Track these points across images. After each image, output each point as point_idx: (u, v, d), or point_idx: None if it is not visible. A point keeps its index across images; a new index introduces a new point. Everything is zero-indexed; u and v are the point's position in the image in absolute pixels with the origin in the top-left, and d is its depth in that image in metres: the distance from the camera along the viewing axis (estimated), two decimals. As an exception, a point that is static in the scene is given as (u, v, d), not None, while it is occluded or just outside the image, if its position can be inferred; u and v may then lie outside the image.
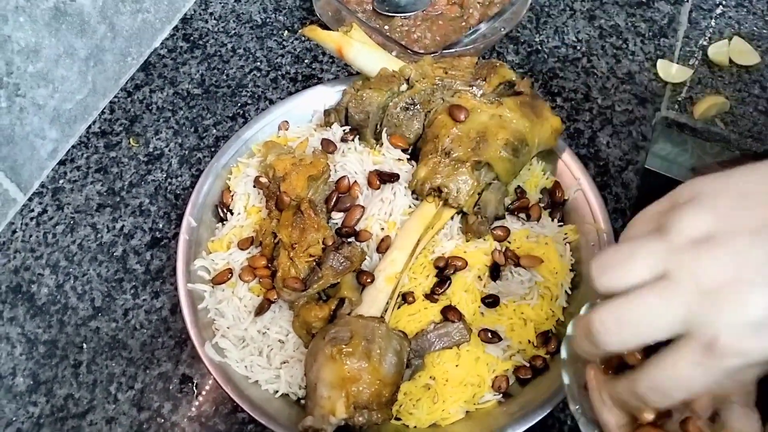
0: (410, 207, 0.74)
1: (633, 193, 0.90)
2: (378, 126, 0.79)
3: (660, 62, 1.01)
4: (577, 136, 0.94)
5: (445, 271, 0.70)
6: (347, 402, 0.58)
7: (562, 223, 0.78)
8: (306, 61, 1.03)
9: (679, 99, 0.99)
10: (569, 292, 0.74)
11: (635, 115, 0.97)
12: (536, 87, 1.00)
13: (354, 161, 0.76)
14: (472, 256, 0.72)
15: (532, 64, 1.02)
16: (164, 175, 0.91)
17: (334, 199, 0.72)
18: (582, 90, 0.99)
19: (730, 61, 1.02)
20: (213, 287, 0.72)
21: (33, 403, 0.74)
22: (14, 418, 0.73)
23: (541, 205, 0.78)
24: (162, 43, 1.04)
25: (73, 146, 0.94)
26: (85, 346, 0.78)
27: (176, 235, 0.81)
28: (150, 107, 0.98)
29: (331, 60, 1.02)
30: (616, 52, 1.04)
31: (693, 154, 1.09)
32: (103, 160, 0.92)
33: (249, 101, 0.98)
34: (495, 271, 0.71)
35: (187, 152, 0.93)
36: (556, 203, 0.79)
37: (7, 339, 0.79)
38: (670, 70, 1.00)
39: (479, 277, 0.71)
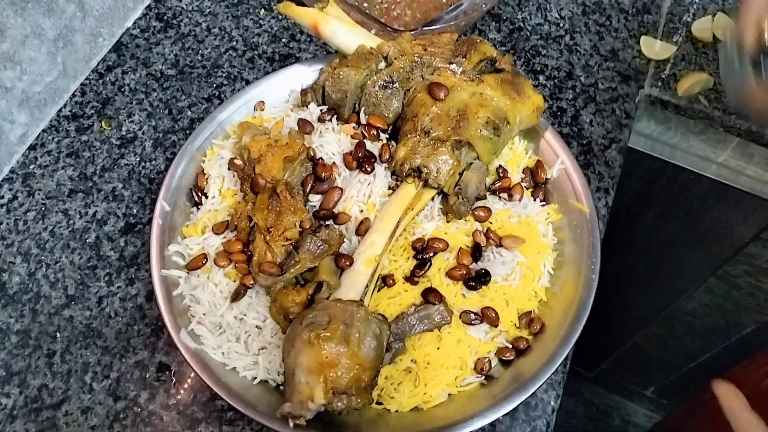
0: (389, 188, 0.72)
1: (616, 171, 0.88)
2: (356, 105, 0.77)
3: (643, 39, 1.00)
4: (560, 115, 0.93)
5: (425, 253, 0.68)
6: (326, 387, 0.57)
7: (544, 203, 0.77)
8: (283, 40, 1.00)
9: (663, 76, 0.98)
10: (552, 271, 0.73)
11: (618, 93, 0.96)
12: (519, 65, 0.98)
13: (332, 142, 0.74)
14: (453, 238, 0.70)
15: (515, 41, 1.00)
16: (138, 159, 0.88)
17: (311, 181, 0.70)
18: (565, 68, 0.98)
19: (714, 37, 1.00)
20: (188, 273, 0.70)
21: (6, 395, 0.72)
22: (-14, 410, 0.71)
23: (523, 184, 0.77)
24: (134, 23, 1.01)
25: (43, 130, 0.91)
26: (58, 335, 0.76)
27: (151, 221, 0.78)
28: (122, 89, 0.95)
29: (309, 39, 1.00)
30: (599, 29, 1.03)
31: (676, 132, 1.08)
32: (74, 145, 0.90)
33: (225, 82, 0.96)
34: (476, 252, 0.70)
35: (161, 135, 0.91)
36: (538, 183, 0.77)
37: (-23, 329, 0.77)
38: (654, 47, 0.99)
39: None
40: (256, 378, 0.66)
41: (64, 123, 0.92)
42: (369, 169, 0.71)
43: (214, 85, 0.95)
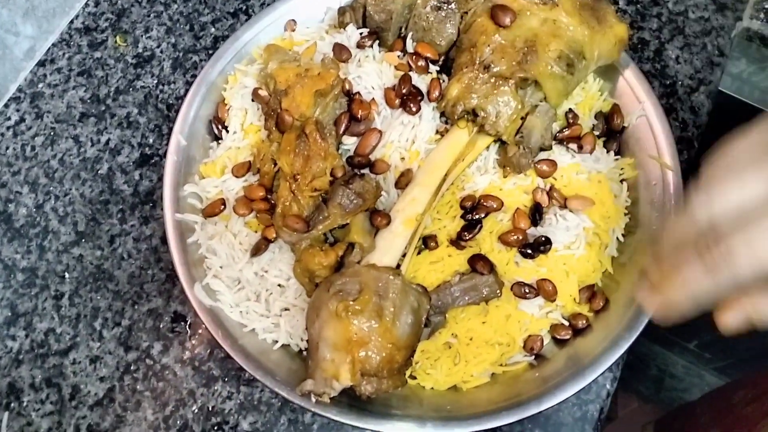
0: (437, 133, 0.61)
1: (703, 120, 0.75)
2: (402, 29, 0.65)
3: (750, -42, 0.83)
4: (641, 48, 0.79)
5: (475, 213, 0.58)
6: (353, 368, 0.49)
7: (618, 156, 0.66)
8: (322, -54, 0.87)
9: (766, 6, 0.82)
10: (621, 239, 0.63)
11: (712, 25, 0.81)
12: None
13: (371, 73, 0.63)
14: (510, 195, 0.60)
15: (593, -44, 0.85)
16: (155, 81, 0.79)
17: (346, 120, 0.60)
18: (651, -10, 0.83)
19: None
20: (204, 219, 0.62)
21: (11, 337, 0.67)
22: (-9, 353, 0.67)
23: (596, 132, 0.65)
24: None
25: (53, 44, 0.82)
26: (67, 275, 0.70)
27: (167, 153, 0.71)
28: (140, -1, 0.84)
29: (351, -54, 0.86)
30: (695, -56, 0.86)
31: (772, 73, 0.93)
32: (86, 62, 0.80)
33: (254, -6, 0.84)
34: (536, 214, 0.59)
35: (181, 54, 0.80)
36: (613, 131, 0.66)
37: (-17, 264, 0.71)
38: (762, -32, 0.82)
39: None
40: (276, 341, 0.59)
41: (75, 37, 0.82)
42: (414, 109, 0.60)
43: (242, -2, 0.84)
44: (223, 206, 0.61)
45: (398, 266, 0.55)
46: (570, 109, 0.65)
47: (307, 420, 0.63)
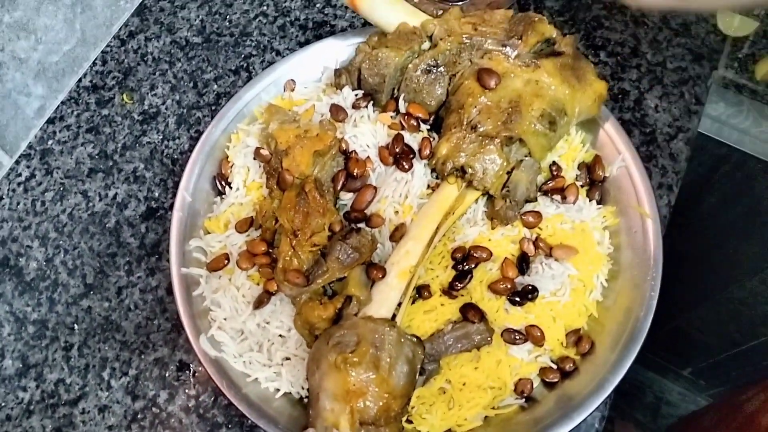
0: (429, 188, 0.65)
1: (681, 166, 0.79)
2: (395, 91, 0.69)
3: (720, 12, 0.88)
4: (621, 98, 0.83)
5: (466, 264, 0.62)
6: (352, 418, 0.52)
7: (600, 205, 0.69)
8: (317, 5, 0.92)
9: (740, 56, 0.87)
10: (605, 284, 0.66)
11: (689, 74, 0.85)
12: (577, 39, 0.88)
13: (366, 133, 0.67)
14: (498, 246, 0.64)
15: (574, 11, 0.90)
16: (160, 137, 0.83)
17: (343, 177, 0.64)
18: (629, 43, 0.87)
19: (804, 10, 0.88)
20: (209, 273, 0.65)
21: (23, 388, 0.70)
22: (3, 404, 0.69)
23: (579, 183, 0.69)
24: (158, -16, 0.94)
25: (62, 102, 0.86)
26: (76, 327, 0.72)
27: (173, 206, 0.74)
28: (145, 58, 0.89)
29: (345, 5, 0.91)
30: None
31: (748, 116, 0.98)
32: (94, 119, 0.84)
33: (254, 52, 0.89)
34: (523, 263, 0.63)
35: (185, 111, 0.84)
36: (595, 181, 0.69)
37: (-5, 316, 0.74)
38: (732, 22, 0.87)
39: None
40: (279, 390, 0.62)
41: (83, 95, 0.86)
42: (407, 167, 0.64)
43: (242, 56, 0.88)
44: (226, 261, 0.65)
45: (394, 317, 0.58)
46: (554, 161, 0.69)
47: (309, 465, 0.65)
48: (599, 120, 0.71)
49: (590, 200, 0.69)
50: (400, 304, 0.60)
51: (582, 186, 0.69)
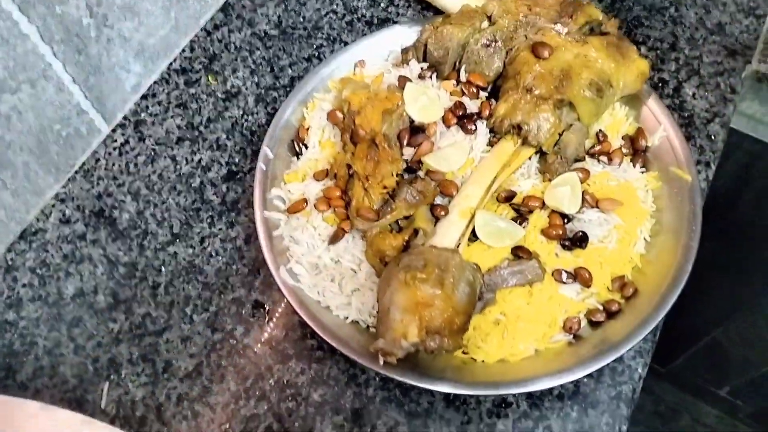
0: (489, 145, 0.72)
1: (718, 146, 0.85)
2: (457, 63, 0.78)
3: (755, 12, 0.95)
4: (661, 86, 0.90)
5: (522, 207, 0.69)
6: (420, 325, 0.58)
7: (644, 170, 0.75)
8: (382, 4, 1.02)
9: (774, 52, 0.94)
10: (648, 239, 0.72)
11: (724, 67, 0.92)
12: (623, 23, 0.96)
13: (431, 97, 0.75)
14: (549, 197, 0.70)
15: (617, 11, 0.98)
16: (241, 112, 0.93)
17: (407, 134, 0.72)
18: (668, 39, 0.95)
19: (835, 12, 0.95)
20: (288, 216, 0.73)
21: (113, 320, 0.78)
22: (95, 332, 0.77)
23: (623, 151, 0.75)
24: (240, -15, 1.05)
25: (155, 82, 0.96)
26: (163, 269, 0.81)
27: (251, 170, 0.83)
28: (228, 47, 0.99)
29: (407, 3, 1.01)
30: (706, 3, 0.99)
31: (783, 114, 1.03)
32: (182, 96, 0.95)
33: (324, 43, 0.99)
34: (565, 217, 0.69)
35: (263, 91, 0.94)
36: (638, 150, 0.76)
37: (89, 259, 0.82)
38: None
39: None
40: (348, 317, 0.69)
41: (173, 76, 0.97)
42: (472, 129, 0.72)
43: (314, 46, 0.98)
44: (305, 204, 0.73)
45: (456, 247, 0.65)
46: (600, 129, 0.76)
47: (370, 393, 0.71)
48: (642, 97, 0.78)
49: (634, 165, 0.75)
50: (458, 244, 0.67)
51: (626, 155, 0.76)
